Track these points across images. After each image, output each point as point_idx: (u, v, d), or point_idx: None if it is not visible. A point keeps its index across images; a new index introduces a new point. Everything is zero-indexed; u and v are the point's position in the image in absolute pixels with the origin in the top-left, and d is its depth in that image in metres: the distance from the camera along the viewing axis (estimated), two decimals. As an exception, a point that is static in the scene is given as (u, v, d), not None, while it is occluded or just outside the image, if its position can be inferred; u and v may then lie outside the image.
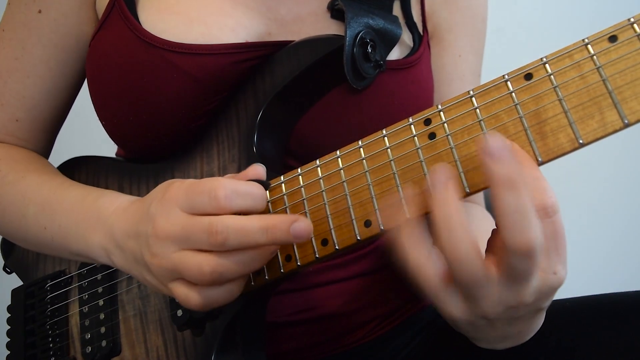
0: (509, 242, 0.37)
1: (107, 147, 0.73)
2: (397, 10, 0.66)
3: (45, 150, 0.74)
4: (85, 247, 0.56)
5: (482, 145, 0.37)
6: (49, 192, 0.62)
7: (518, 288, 0.39)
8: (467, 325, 0.43)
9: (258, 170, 0.50)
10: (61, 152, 0.75)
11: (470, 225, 0.38)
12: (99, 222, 0.55)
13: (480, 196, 0.77)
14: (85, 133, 1.02)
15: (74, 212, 0.58)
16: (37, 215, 0.61)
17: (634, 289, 0.62)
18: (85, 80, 0.67)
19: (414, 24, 0.67)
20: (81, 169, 0.67)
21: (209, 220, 0.44)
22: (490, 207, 0.77)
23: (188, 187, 0.46)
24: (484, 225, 0.67)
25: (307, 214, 0.48)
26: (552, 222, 0.38)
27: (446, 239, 0.38)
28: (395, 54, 0.63)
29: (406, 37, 0.66)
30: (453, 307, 0.41)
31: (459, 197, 0.39)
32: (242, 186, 0.46)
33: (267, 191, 0.50)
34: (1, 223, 0.66)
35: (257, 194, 0.47)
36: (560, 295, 0.67)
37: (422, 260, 0.40)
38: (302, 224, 0.44)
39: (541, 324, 0.46)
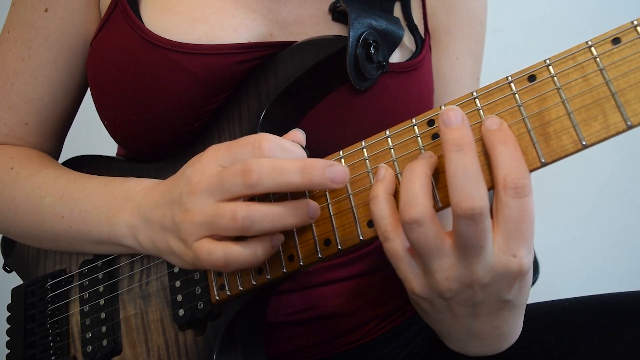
0: (454, 204, 0.38)
1: (108, 146, 0.73)
2: (397, 12, 0.66)
3: (54, 154, 0.73)
4: (109, 229, 0.55)
5: (440, 114, 0.40)
6: (67, 182, 0.61)
7: (470, 262, 0.40)
8: (428, 306, 0.44)
9: (298, 135, 0.49)
10: (62, 151, 0.75)
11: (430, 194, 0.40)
12: (126, 201, 0.54)
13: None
14: (86, 132, 1.02)
15: (98, 196, 0.57)
16: (55, 205, 0.60)
17: (634, 289, 0.62)
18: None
19: (415, 26, 0.67)
20: (82, 169, 0.67)
21: (244, 161, 0.43)
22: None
23: (230, 143, 0.46)
24: None
25: None
26: (521, 203, 0.39)
27: (403, 202, 0.40)
28: (396, 57, 0.63)
29: (407, 39, 0.66)
30: (414, 279, 0.43)
31: (429, 170, 0.41)
32: (286, 143, 0.45)
33: None
34: (14, 222, 0.64)
35: (299, 153, 0.46)
36: (560, 295, 0.67)
37: (390, 230, 0.42)
38: (339, 167, 0.44)
39: (517, 333, 0.47)
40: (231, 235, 0.45)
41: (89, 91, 0.66)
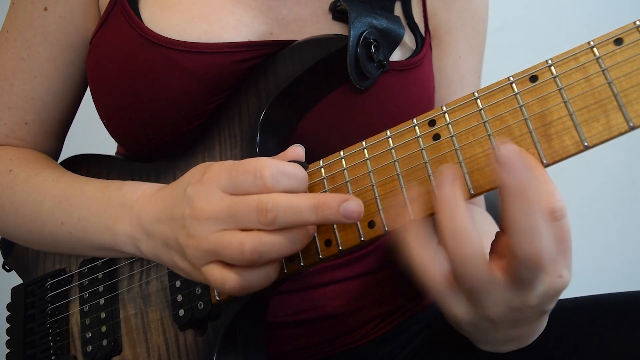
0: (519, 251, 0.37)
1: (108, 145, 0.73)
2: (398, 11, 0.66)
3: (54, 154, 0.73)
4: (110, 238, 0.55)
5: (494, 151, 0.37)
6: (65, 186, 0.60)
7: (523, 292, 0.39)
8: (470, 326, 0.43)
9: (298, 151, 0.49)
10: (62, 151, 0.75)
11: (476, 227, 0.38)
12: (124, 209, 0.54)
13: (480, 198, 0.77)
14: (86, 131, 1.02)
15: (95, 202, 0.57)
16: (54, 210, 0.59)
17: (634, 289, 0.62)
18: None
19: (416, 25, 0.67)
20: (82, 167, 0.67)
21: (258, 197, 0.43)
22: (490, 208, 0.77)
23: (231, 167, 0.45)
24: (485, 227, 0.67)
25: None
26: (559, 225, 0.38)
27: (451, 240, 0.38)
28: (397, 56, 0.63)
29: (408, 38, 0.66)
30: (457, 308, 0.41)
31: (464, 198, 0.39)
32: (287, 167, 0.45)
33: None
34: (13, 226, 0.64)
35: (300, 175, 0.46)
36: (560, 295, 0.67)
37: (427, 260, 0.40)
38: (353, 203, 0.43)
39: (544, 326, 0.47)
40: (239, 265, 0.44)
41: (88, 90, 0.65)
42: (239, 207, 0.43)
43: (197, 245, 0.45)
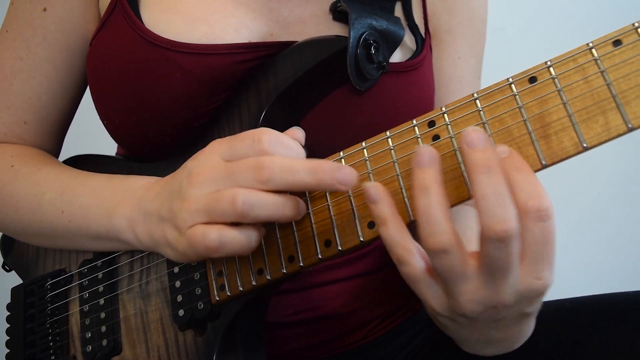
0: (484, 227, 0.37)
1: (108, 146, 0.73)
2: (398, 11, 0.66)
3: (54, 153, 0.73)
4: (107, 223, 0.55)
5: (462, 135, 0.39)
6: (68, 178, 0.61)
7: (496, 284, 0.39)
8: (448, 322, 0.43)
9: (297, 133, 0.49)
10: (62, 151, 0.75)
11: (454, 216, 0.39)
12: (127, 195, 0.54)
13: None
14: (86, 132, 1.02)
15: (99, 191, 0.57)
16: (54, 201, 0.60)
17: (634, 289, 0.62)
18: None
19: (416, 26, 0.67)
20: (82, 167, 0.67)
21: (256, 157, 0.44)
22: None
23: (231, 137, 0.46)
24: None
25: (311, 215, 0.48)
26: (544, 226, 0.38)
27: (425, 228, 0.39)
28: (397, 57, 0.63)
29: (408, 39, 0.66)
30: (435, 300, 0.42)
31: (441, 184, 0.40)
32: (285, 138, 0.46)
33: None
34: (12, 219, 0.64)
35: (298, 149, 0.46)
36: (560, 295, 0.67)
37: (405, 252, 0.41)
38: (348, 170, 0.44)
39: (530, 332, 0.47)
40: (228, 220, 0.45)
41: (88, 90, 0.65)
42: (237, 166, 0.44)
43: (189, 207, 0.45)
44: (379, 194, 0.42)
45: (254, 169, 0.43)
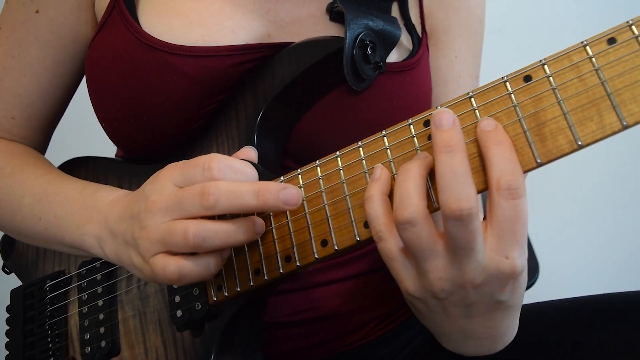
0: (443, 205, 0.38)
1: (107, 148, 0.73)
2: (395, 11, 0.66)
3: (40, 148, 0.74)
4: (79, 237, 0.57)
5: (431, 116, 0.41)
6: (46, 184, 0.62)
7: (461, 262, 0.40)
8: (422, 306, 0.44)
9: (249, 153, 0.50)
10: (61, 153, 0.75)
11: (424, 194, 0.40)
12: (95, 212, 0.55)
13: (478, 198, 0.76)
14: (85, 134, 1.02)
15: (71, 203, 0.59)
16: (33, 206, 0.61)
17: (634, 289, 0.62)
18: (84, 80, 0.67)
19: (413, 25, 0.67)
20: (80, 170, 0.67)
21: (202, 184, 0.45)
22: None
23: (183, 163, 0.47)
24: None
25: (307, 216, 0.48)
26: (515, 204, 0.39)
27: (397, 203, 0.40)
28: (394, 57, 0.63)
29: (405, 39, 0.66)
30: (407, 279, 0.43)
31: (424, 167, 0.41)
32: (236, 162, 0.47)
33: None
34: None
35: (249, 172, 0.47)
36: (560, 295, 0.67)
37: (385, 227, 0.42)
38: (293, 190, 0.46)
39: (512, 332, 0.47)
40: (184, 252, 0.46)
41: (88, 92, 0.66)
42: (185, 194, 0.45)
43: (147, 236, 0.46)
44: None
45: (200, 196, 0.44)
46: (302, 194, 0.46)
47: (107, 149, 0.73)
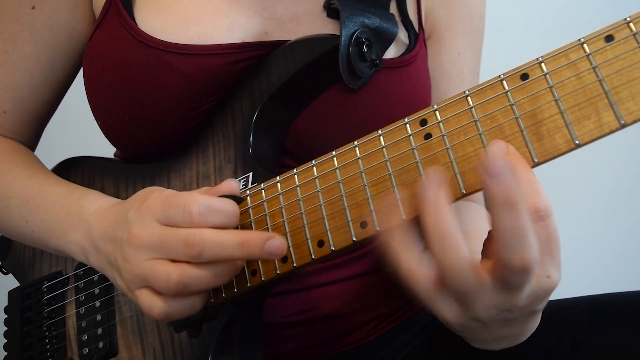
0: (506, 259, 0.36)
1: (105, 148, 0.73)
2: (393, 7, 0.66)
3: (31, 143, 0.75)
4: (64, 244, 0.57)
5: (481, 160, 0.36)
6: (34, 186, 0.62)
7: (511, 295, 0.39)
8: (460, 327, 0.43)
9: (232, 186, 0.50)
10: (58, 152, 0.75)
11: (463, 228, 0.38)
12: (80, 220, 0.56)
13: (479, 195, 0.76)
14: (83, 133, 1.02)
15: (56, 208, 0.59)
16: (20, 208, 0.62)
17: (634, 289, 0.61)
18: (80, 78, 0.67)
19: (410, 21, 0.67)
20: (77, 169, 0.67)
21: (187, 232, 0.45)
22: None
23: (165, 199, 0.47)
24: (482, 224, 0.67)
25: (304, 215, 0.48)
26: (545, 225, 0.38)
27: (437, 247, 0.38)
28: (391, 52, 0.63)
29: (402, 35, 0.66)
30: (445, 310, 0.41)
31: (450, 202, 0.38)
32: (215, 202, 0.46)
33: (263, 191, 0.50)
34: None
35: (230, 211, 0.47)
36: (560, 295, 0.67)
37: (413, 264, 0.40)
38: (277, 242, 0.45)
39: (537, 324, 0.46)
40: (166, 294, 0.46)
41: (85, 91, 0.66)
42: (169, 238, 0.45)
43: (130, 269, 0.47)
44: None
45: (185, 245, 0.44)
46: (285, 245, 0.46)
47: (107, 148, 0.73)
